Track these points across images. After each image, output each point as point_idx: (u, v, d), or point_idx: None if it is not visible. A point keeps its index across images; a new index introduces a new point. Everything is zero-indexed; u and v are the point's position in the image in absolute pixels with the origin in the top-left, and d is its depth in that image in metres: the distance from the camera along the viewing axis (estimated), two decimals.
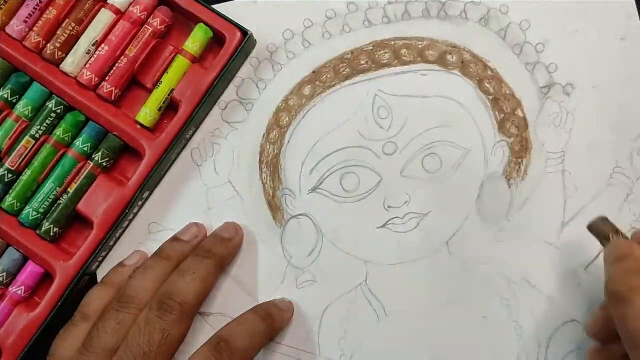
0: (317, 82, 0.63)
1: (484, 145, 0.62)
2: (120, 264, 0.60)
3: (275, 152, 0.63)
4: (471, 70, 0.62)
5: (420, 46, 0.63)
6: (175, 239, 0.60)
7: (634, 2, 0.62)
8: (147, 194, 0.61)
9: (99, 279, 0.61)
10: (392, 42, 0.63)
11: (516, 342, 0.59)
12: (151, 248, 0.61)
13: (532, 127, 0.61)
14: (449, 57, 0.62)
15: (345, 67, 0.63)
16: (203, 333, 0.60)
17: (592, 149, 0.61)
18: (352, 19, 0.64)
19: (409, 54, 0.63)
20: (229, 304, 0.61)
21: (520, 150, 0.61)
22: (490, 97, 0.62)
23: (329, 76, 0.63)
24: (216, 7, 0.63)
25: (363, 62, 0.63)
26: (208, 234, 0.61)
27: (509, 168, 0.61)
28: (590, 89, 0.61)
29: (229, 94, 0.64)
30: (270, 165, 0.63)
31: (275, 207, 0.62)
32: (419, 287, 0.60)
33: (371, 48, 0.63)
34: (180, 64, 0.61)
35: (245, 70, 0.64)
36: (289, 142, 0.63)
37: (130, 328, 0.54)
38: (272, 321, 0.58)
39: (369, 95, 0.63)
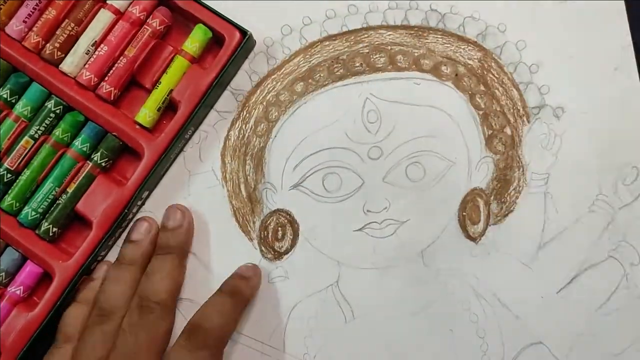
0: (310, 80, 0.64)
1: (469, 159, 0.62)
2: (89, 278, 0.61)
3: (261, 145, 0.64)
4: (464, 83, 0.63)
5: (416, 54, 0.64)
6: (130, 241, 0.61)
7: (629, 35, 0.63)
8: (146, 193, 0.62)
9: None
10: (389, 47, 0.64)
11: (480, 358, 0.60)
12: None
13: (519, 146, 0.62)
14: (443, 67, 0.63)
15: (339, 68, 0.64)
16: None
17: (576, 173, 0.62)
18: (351, 20, 0.64)
19: (404, 61, 0.63)
20: (200, 291, 0.61)
21: (505, 167, 0.62)
22: (480, 112, 0.63)
23: (322, 75, 0.64)
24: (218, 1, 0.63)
25: (357, 64, 0.64)
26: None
27: (491, 184, 0.62)
28: (580, 113, 0.62)
29: None
30: (255, 158, 0.63)
31: (254, 200, 0.63)
32: (389, 293, 0.62)
33: (367, 51, 0.64)
34: (180, 64, 0.61)
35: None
36: (275, 136, 0.63)
37: (116, 336, 0.56)
38: (241, 294, 0.60)
39: (360, 97, 0.63)
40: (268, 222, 0.63)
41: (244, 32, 0.61)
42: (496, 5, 0.64)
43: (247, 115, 0.64)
